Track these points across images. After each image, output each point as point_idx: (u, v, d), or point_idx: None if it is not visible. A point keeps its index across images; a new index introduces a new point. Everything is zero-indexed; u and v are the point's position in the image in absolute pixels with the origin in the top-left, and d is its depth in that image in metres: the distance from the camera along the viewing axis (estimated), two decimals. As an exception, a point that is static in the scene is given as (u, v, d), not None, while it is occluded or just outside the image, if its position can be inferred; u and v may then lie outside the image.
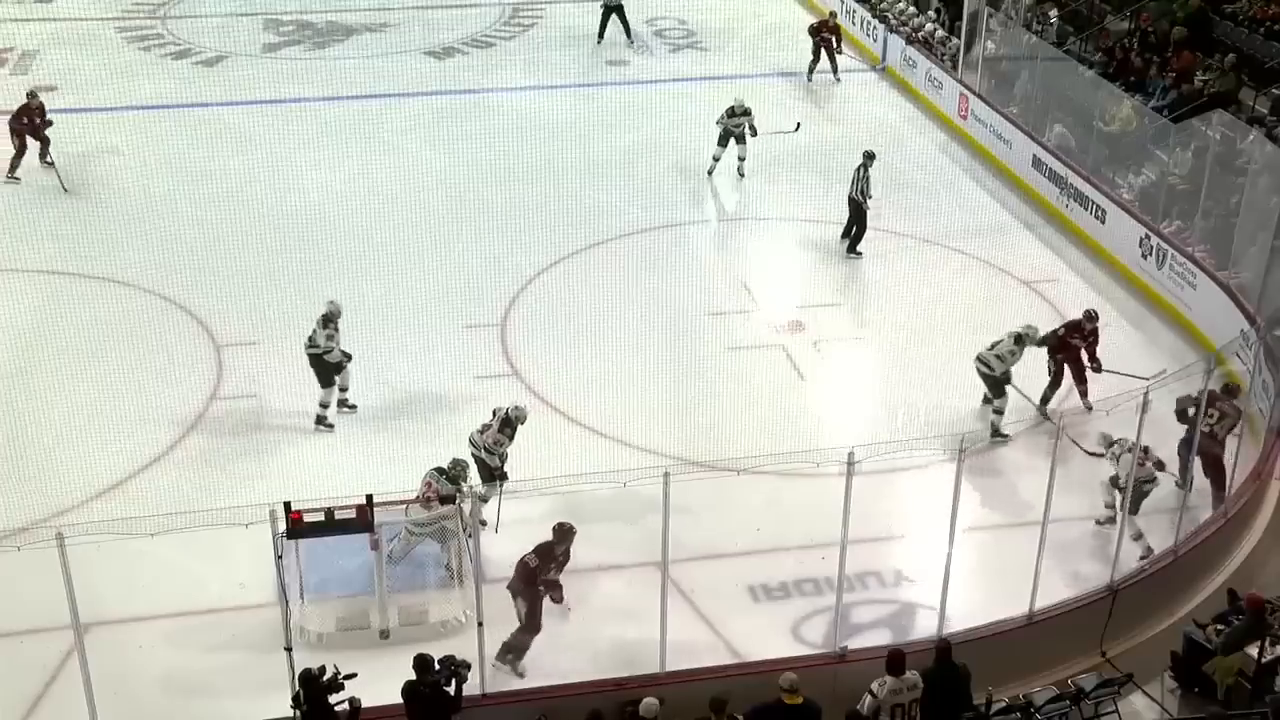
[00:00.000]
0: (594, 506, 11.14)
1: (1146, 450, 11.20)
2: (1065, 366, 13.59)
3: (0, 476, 12.35)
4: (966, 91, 21.03)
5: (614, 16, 24.71)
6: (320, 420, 13.21)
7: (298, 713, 9.07)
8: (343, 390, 13.36)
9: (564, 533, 10.27)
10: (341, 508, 9.65)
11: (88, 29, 24.99)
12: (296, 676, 8.84)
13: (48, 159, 18.61)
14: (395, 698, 9.06)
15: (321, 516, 9.49)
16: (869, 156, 16.88)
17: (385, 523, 10.34)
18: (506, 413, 11.72)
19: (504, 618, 10.10)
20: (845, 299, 15.96)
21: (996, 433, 12.91)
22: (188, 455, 12.83)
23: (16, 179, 18.42)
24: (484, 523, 11.04)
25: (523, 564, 10.11)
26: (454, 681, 9.12)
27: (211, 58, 23.94)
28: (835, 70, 23.30)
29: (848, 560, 10.09)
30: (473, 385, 13.96)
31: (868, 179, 16.77)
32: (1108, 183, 17.59)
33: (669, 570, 9.85)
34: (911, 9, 24.24)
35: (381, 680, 9.10)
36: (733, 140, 19.08)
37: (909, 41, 23.21)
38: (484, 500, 11.11)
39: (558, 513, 10.95)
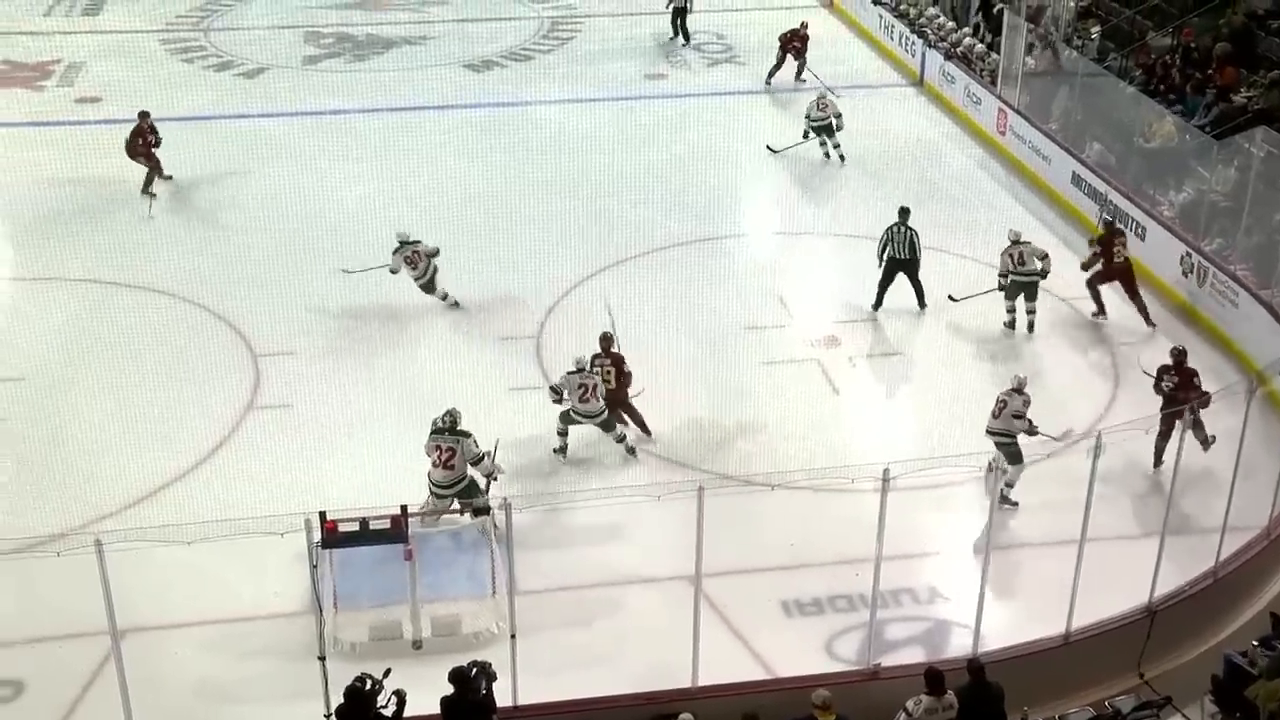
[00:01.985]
0: (628, 520, 11.15)
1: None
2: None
3: (41, 482, 12.53)
4: (1005, 107, 20.95)
5: (680, 17, 25.18)
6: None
7: (330, 721, 9.15)
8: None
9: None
10: (376, 518, 9.70)
11: (132, 41, 25.31)
12: (343, 691, 8.83)
13: (151, 190, 18.61)
14: (428, 708, 9.07)
15: (356, 526, 9.53)
16: (906, 213, 15.87)
17: (419, 533, 10.40)
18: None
19: (537, 629, 10.11)
20: (881, 315, 15.89)
21: (1006, 500, 12.27)
22: (224, 464, 12.94)
23: (154, 194, 18.55)
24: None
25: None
26: (484, 682, 9.15)
27: (252, 69, 24.19)
28: (799, 74, 23.34)
29: (881, 577, 10.05)
30: (507, 397, 14.01)
31: (914, 234, 15.77)
32: (1148, 200, 17.46)
33: (702, 584, 9.84)
34: (951, 24, 24.19)
35: (414, 690, 9.11)
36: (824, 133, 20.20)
37: (948, 56, 23.15)
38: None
39: (592, 525, 11.01)
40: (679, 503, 9.58)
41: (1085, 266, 15.83)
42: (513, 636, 9.63)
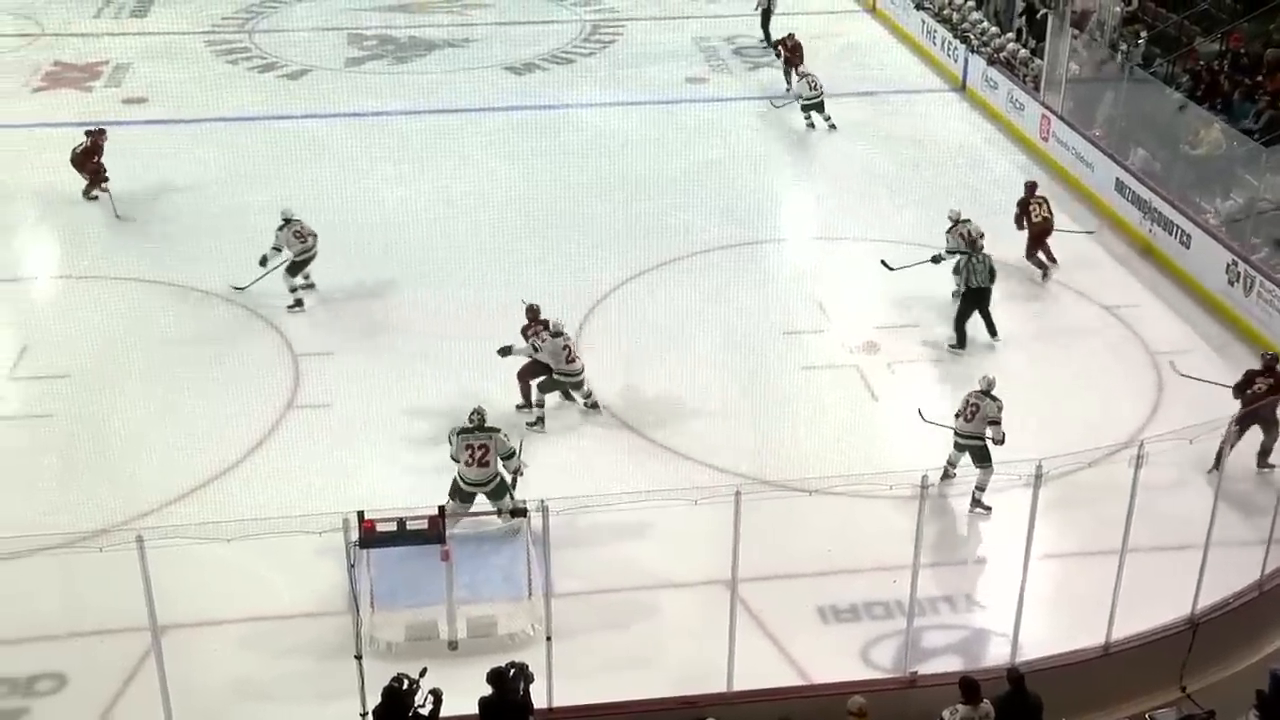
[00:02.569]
0: (664, 523, 11.14)
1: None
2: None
3: (84, 479, 12.67)
4: (1048, 113, 20.79)
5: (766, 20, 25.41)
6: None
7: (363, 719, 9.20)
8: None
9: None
10: (414, 518, 9.74)
11: (178, 42, 25.58)
12: (381, 690, 8.86)
13: (93, 194, 18.56)
14: (464, 708, 9.09)
15: (394, 526, 9.57)
16: (980, 239, 15.77)
17: (457, 534, 10.43)
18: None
19: (572, 631, 10.12)
20: (921, 321, 15.80)
21: (979, 504, 12.30)
22: (263, 462, 13.03)
23: (97, 196, 18.53)
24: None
25: None
26: (521, 683, 9.16)
27: (296, 71, 24.38)
28: (789, 86, 23.20)
29: (919, 584, 9.99)
30: (545, 398, 14.03)
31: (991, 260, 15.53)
32: (1194, 207, 17.28)
33: (738, 589, 9.82)
34: (994, 29, 24.03)
35: (450, 691, 9.13)
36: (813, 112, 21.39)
37: (990, 62, 23.00)
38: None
39: (629, 527, 11.00)
40: (716, 506, 9.57)
41: (1021, 226, 16.98)
42: (548, 638, 9.64)
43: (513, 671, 9.09)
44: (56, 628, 10.69)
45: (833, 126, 21.59)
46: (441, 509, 10.28)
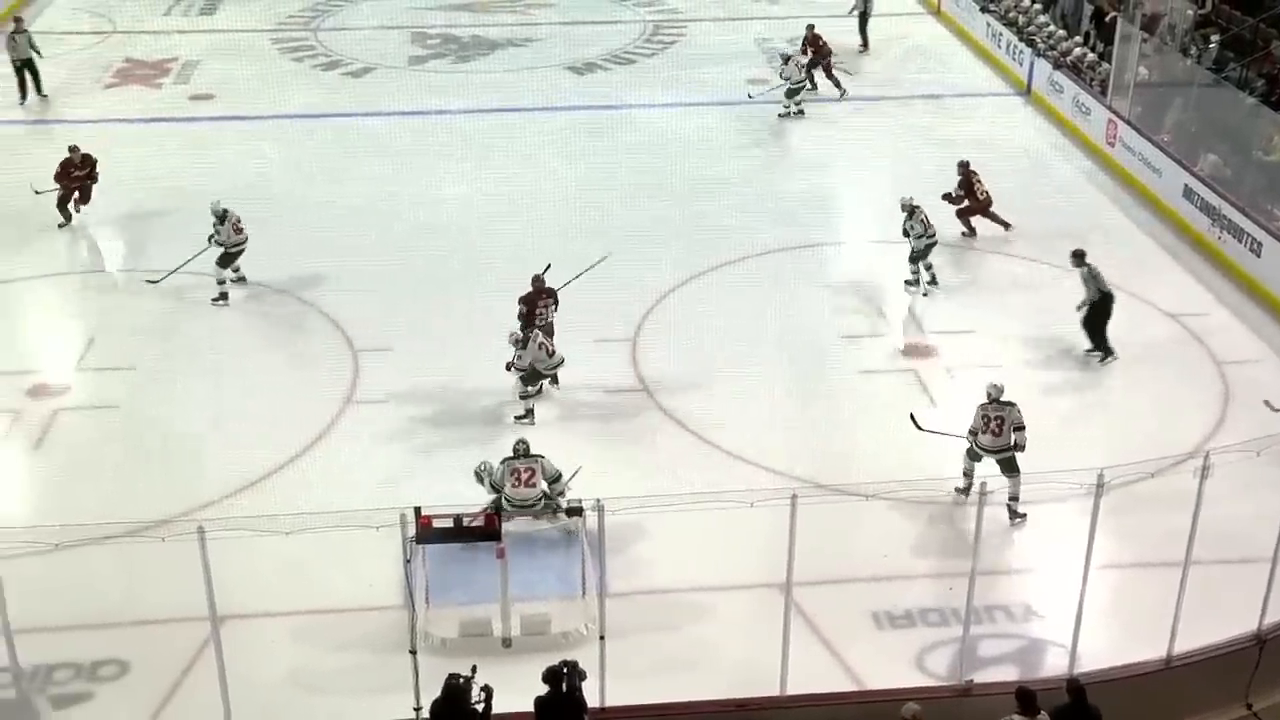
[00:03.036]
0: (719, 525, 11.11)
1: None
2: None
3: (147, 469, 12.88)
4: (1115, 117, 20.52)
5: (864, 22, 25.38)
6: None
7: (417, 714, 9.25)
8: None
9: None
10: (470, 515, 9.80)
11: (245, 40, 25.94)
12: (442, 687, 8.90)
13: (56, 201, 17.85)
14: (516, 705, 9.13)
15: (450, 523, 9.63)
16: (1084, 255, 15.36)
17: (512, 532, 10.48)
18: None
19: (625, 631, 10.13)
20: (981, 326, 15.66)
21: (1015, 514, 12.15)
22: (322, 457, 13.16)
23: (40, 190, 17.83)
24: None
25: None
26: (576, 680, 9.18)
27: (359, 69, 24.63)
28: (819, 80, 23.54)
29: (975, 592, 9.90)
30: (603, 399, 14.09)
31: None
32: (1265, 214, 16.97)
33: (793, 592, 9.79)
34: (1061, 32, 23.76)
35: (502, 688, 9.17)
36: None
37: (1056, 66, 22.74)
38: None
39: (683, 528, 10.98)
40: (772, 509, 9.54)
41: (953, 201, 17.61)
42: (601, 637, 9.66)
43: (567, 670, 9.11)
44: (119, 615, 10.87)
45: (801, 113, 22.16)
46: (499, 506, 10.35)
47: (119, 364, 14.70)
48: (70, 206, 17.86)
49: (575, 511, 10.69)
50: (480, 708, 8.98)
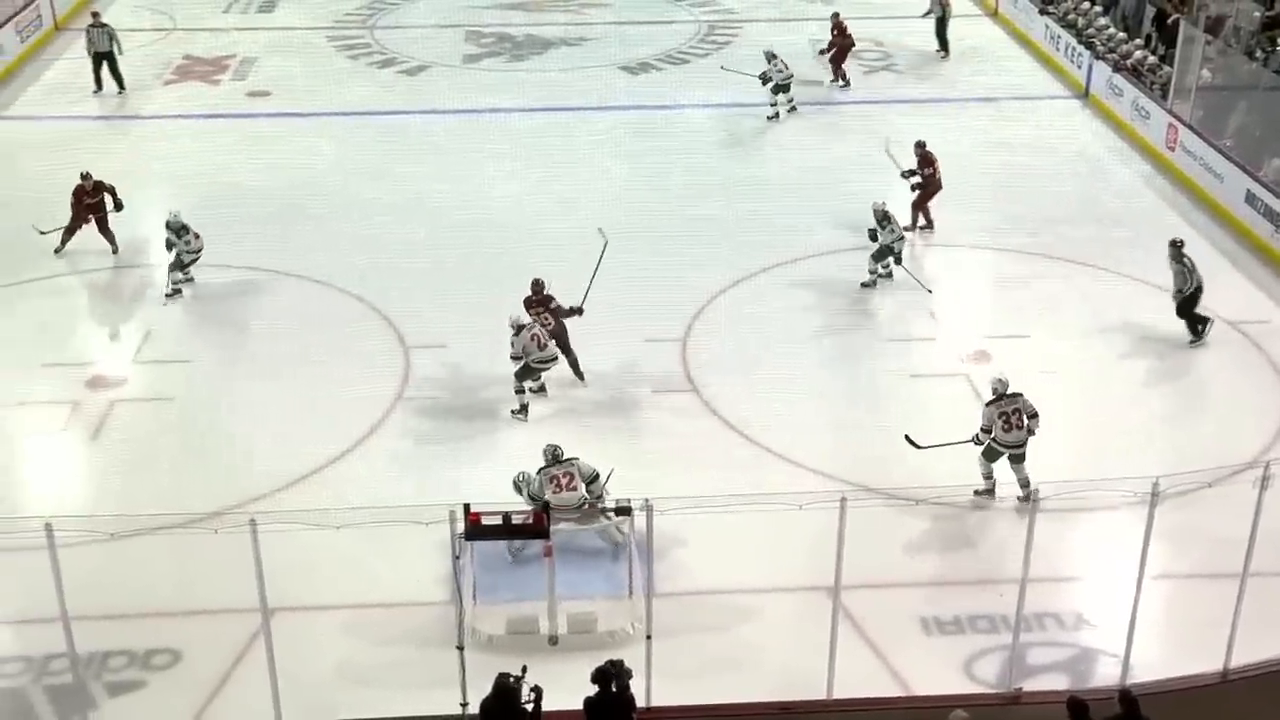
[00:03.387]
0: (768, 527, 11.09)
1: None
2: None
3: (201, 461, 13.05)
4: (1176, 121, 20.25)
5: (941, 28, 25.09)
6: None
7: (464, 709, 9.31)
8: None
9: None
10: (519, 513, 9.85)
11: (302, 37, 26.22)
12: (493, 686, 8.93)
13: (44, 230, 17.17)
14: (563, 704, 9.15)
15: (499, 520, 9.68)
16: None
17: (560, 530, 10.52)
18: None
19: (672, 632, 10.14)
20: (1035, 332, 15.51)
21: (1029, 495, 11.98)
22: (372, 452, 13.28)
23: (43, 231, 17.18)
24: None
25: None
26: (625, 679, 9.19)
27: (414, 67, 24.81)
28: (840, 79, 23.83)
29: (1026, 599, 9.82)
30: (651, 399, 14.11)
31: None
32: (1329, 220, 16.72)
33: (841, 596, 9.75)
34: (1121, 34, 23.48)
35: (549, 686, 9.20)
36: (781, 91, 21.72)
37: (1116, 69, 22.47)
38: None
39: (732, 529, 10.97)
40: (821, 512, 9.51)
41: (914, 185, 17.87)
42: (648, 637, 9.68)
43: (615, 670, 9.12)
44: (172, 605, 11.03)
45: (794, 109, 22.19)
46: (546, 504, 10.39)
47: (175, 357, 14.90)
48: (105, 239, 17.24)
49: (624, 511, 10.70)
50: (530, 708, 9.01)
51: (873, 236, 16.28)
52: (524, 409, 13.79)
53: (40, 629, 9.86)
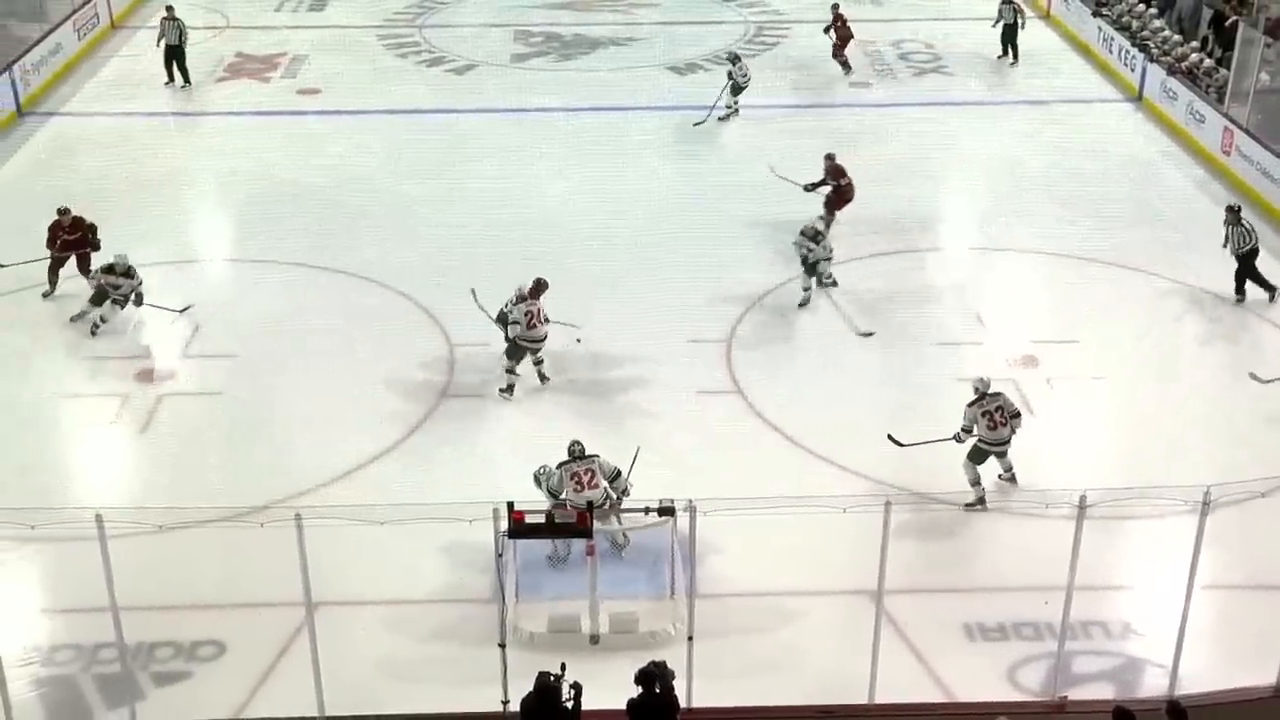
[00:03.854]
0: (811, 529, 11.07)
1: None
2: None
3: (247, 456, 13.19)
4: (1232, 125, 19.98)
5: (1011, 34, 24.74)
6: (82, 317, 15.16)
7: (505, 707, 9.35)
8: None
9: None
10: (562, 511, 9.88)
11: (351, 36, 26.43)
12: (534, 685, 8.95)
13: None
14: (603, 703, 9.16)
15: (542, 519, 9.71)
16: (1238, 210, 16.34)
17: (602, 530, 10.54)
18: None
19: (713, 633, 10.13)
20: (1085, 337, 15.36)
21: (1013, 478, 12.55)
22: (416, 449, 13.36)
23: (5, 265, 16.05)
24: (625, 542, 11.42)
25: None
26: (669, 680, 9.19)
27: (462, 66, 24.94)
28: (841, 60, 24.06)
29: (1072, 607, 9.73)
30: (694, 399, 14.10)
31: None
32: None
33: (884, 600, 9.71)
34: (1176, 37, 23.21)
35: (589, 685, 9.22)
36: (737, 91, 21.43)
37: (1170, 72, 22.21)
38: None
39: (775, 531, 10.95)
40: (864, 515, 9.48)
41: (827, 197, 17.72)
42: (690, 638, 9.68)
43: (659, 671, 9.12)
44: (218, 598, 11.15)
45: (737, 112, 21.80)
46: (590, 504, 10.41)
47: (223, 352, 15.06)
48: (53, 289, 15.96)
49: (667, 512, 10.70)
50: (569, 705, 9.03)
51: (804, 258, 15.89)
52: (510, 388, 14.07)
53: (90, 618, 10.00)
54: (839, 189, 17.82)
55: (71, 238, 15.95)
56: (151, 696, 10.22)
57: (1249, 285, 16.01)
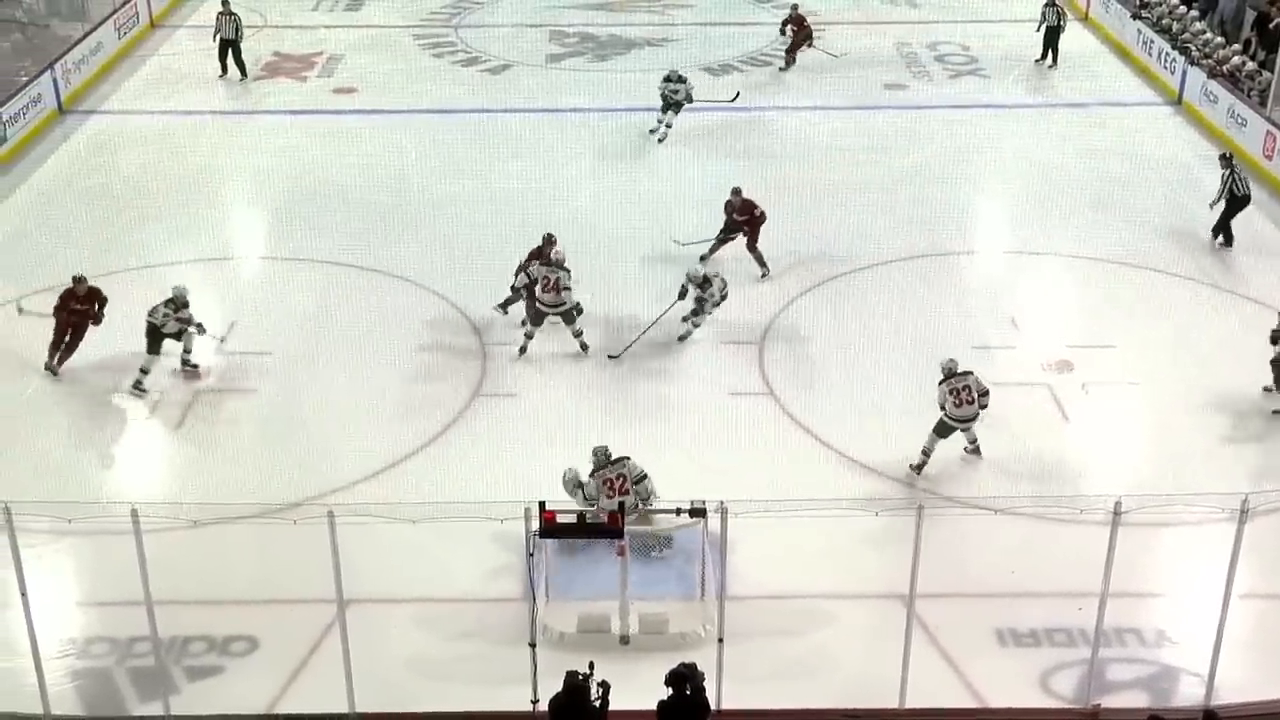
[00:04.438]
0: (843, 532, 11.04)
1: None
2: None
3: (281, 453, 13.27)
4: (1275, 129, 19.77)
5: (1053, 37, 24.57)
6: (137, 385, 14.20)
7: (534, 706, 9.37)
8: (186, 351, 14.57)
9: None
10: (593, 512, 9.88)
11: (388, 35, 26.56)
12: (564, 684, 8.97)
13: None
14: (633, 704, 9.17)
15: (574, 519, 9.73)
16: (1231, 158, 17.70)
17: (633, 531, 10.54)
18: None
19: (743, 635, 10.11)
20: (1121, 342, 15.24)
21: (976, 451, 13.13)
22: (449, 447, 13.41)
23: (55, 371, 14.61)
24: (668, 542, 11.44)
25: None
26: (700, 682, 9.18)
27: (497, 66, 25.01)
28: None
29: (1106, 614, 9.65)
30: (726, 401, 14.09)
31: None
32: None
33: (915, 605, 9.67)
34: (1218, 39, 22.98)
35: (619, 687, 9.22)
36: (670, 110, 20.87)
37: (1211, 75, 21.99)
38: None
39: (806, 534, 10.92)
40: (897, 519, 9.46)
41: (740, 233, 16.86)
42: (720, 640, 9.67)
43: (689, 673, 9.12)
44: (251, 593, 11.23)
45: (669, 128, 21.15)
46: (622, 505, 10.42)
47: (258, 349, 15.16)
48: (53, 360, 14.56)
49: (698, 513, 10.70)
50: (597, 704, 9.05)
51: (682, 294, 15.09)
52: (522, 350, 14.81)
53: (125, 612, 10.09)
54: (752, 221, 16.71)
55: (81, 308, 14.61)
56: (185, 690, 10.30)
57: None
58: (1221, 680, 9.78)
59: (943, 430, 12.78)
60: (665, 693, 8.94)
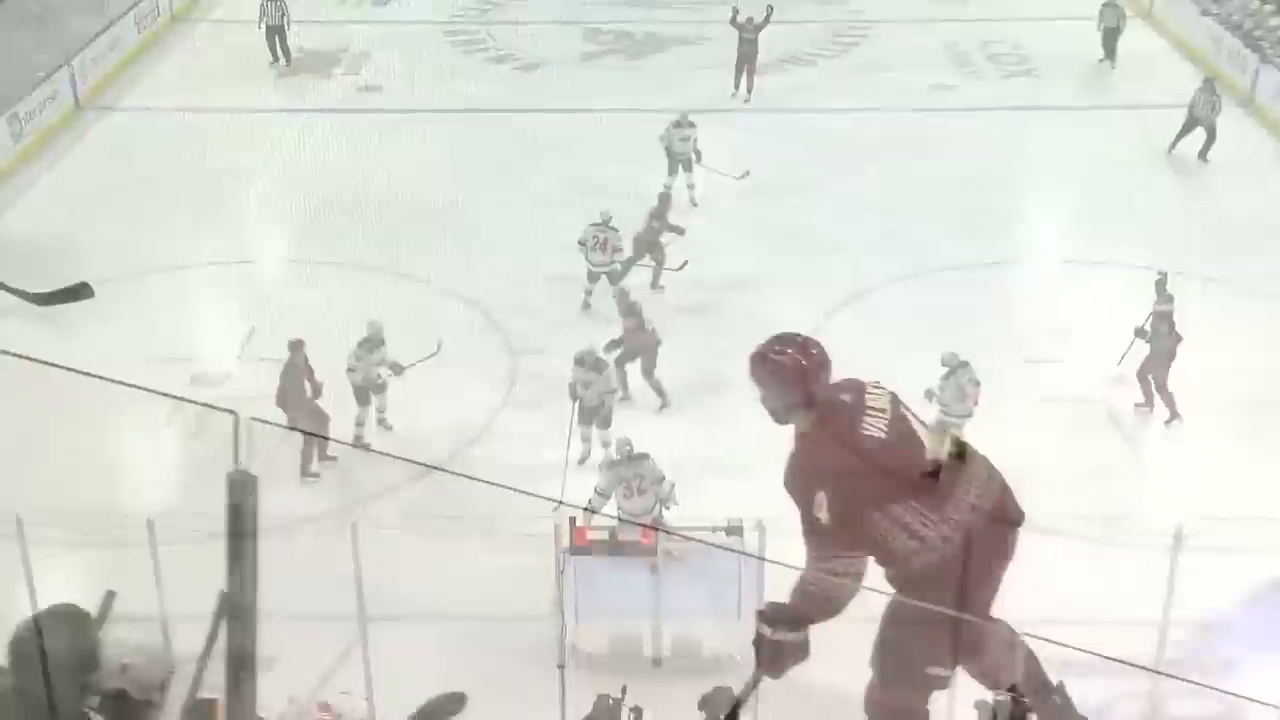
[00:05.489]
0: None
1: None
2: None
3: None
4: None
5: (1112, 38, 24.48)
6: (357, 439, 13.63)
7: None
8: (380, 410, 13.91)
9: None
10: (626, 528, 9.90)
11: (417, 31, 26.71)
12: (593, 706, 8.99)
13: None
14: (662, 727, 9.20)
15: (606, 536, 9.75)
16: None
17: (667, 549, 10.54)
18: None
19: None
20: (1183, 354, 15.08)
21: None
22: (476, 460, 13.47)
23: None
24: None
25: None
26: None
27: (529, 64, 25.12)
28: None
29: (1166, 643, 9.57)
30: (757, 408, 13.98)
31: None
32: None
33: (963, 627, 9.58)
34: (1294, 37, 22.81)
35: (650, 709, 9.24)
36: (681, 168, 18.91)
37: (1285, 74, 21.83)
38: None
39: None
40: (943, 540, 9.36)
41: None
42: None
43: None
44: (269, 608, 11.17)
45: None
46: (656, 522, 10.42)
47: (277, 355, 15.22)
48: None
49: (734, 531, 10.69)
50: None
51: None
52: (586, 305, 15.84)
53: (139, 626, 10.12)
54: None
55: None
56: (199, 708, 10.35)
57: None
58: (1289, 713, 9.66)
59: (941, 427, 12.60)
60: (699, 716, 8.93)
